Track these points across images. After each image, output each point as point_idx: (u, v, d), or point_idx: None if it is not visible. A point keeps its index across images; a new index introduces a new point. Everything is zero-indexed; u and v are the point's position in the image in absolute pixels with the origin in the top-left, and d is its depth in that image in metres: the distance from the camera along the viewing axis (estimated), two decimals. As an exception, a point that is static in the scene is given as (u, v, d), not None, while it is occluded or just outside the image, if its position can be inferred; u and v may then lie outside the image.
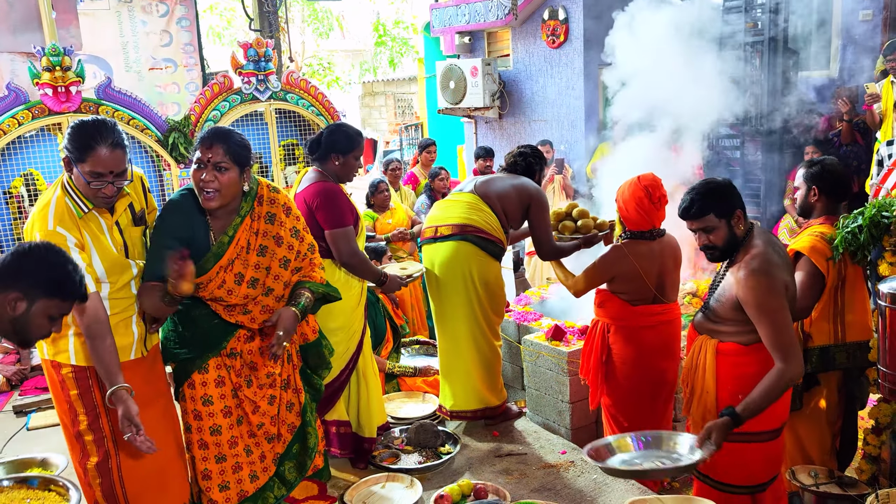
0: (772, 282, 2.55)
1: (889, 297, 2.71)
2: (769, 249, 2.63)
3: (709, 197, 2.64)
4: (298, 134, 6.41)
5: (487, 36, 9.39)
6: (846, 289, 3.15)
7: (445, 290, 3.63)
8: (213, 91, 5.86)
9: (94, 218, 2.55)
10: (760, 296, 2.55)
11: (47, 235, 2.41)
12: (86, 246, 2.50)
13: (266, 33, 7.15)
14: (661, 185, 3.38)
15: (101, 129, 2.45)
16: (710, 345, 2.73)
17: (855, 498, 2.97)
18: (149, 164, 5.88)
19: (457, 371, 3.68)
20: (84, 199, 2.51)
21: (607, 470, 2.54)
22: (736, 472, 2.74)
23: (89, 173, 2.43)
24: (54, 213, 2.47)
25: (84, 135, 2.43)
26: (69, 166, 2.49)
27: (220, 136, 2.58)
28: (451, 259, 3.59)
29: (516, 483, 3.16)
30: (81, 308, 2.42)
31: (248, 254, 2.69)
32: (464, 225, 3.58)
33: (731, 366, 2.70)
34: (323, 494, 2.97)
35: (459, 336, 3.65)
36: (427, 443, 3.47)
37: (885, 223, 3.00)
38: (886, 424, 3.15)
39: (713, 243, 2.68)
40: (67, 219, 2.48)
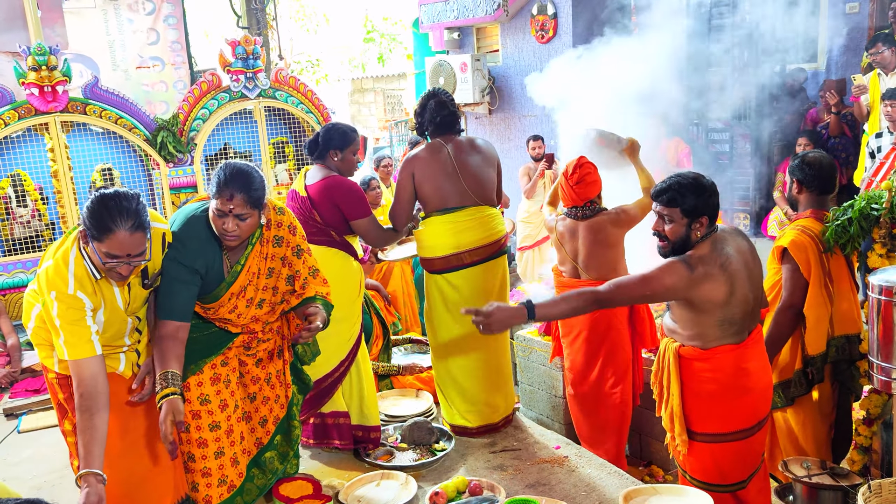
0: (675, 267, 2.55)
1: (880, 289, 2.72)
2: (711, 255, 2.58)
3: (684, 191, 2.60)
4: (288, 131, 6.38)
5: (476, 31, 9.37)
6: (834, 282, 3.17)
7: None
8: (202, 89, 5.83)
9: (108, 285, 2.51)
10: (661, 265, 2.59)
11: (66, 298, 2.38)
12: (98, 310, 2.48)
13: (254, 30, 7.11)
14: (581, 167, 3.68)
15: (123, 210, 2.34)
16: (672, 348, 2.75)
17: (847, 489, 2.99)
18: (137, 163, 5.85)
19: (493, 386, 3.67)
20: (97, 268, 2.46)
21: None
22: (708, 471, 2.76)
23: (105, 254, 2.36)
24: (74, 277, 2.41)
25: (105, 215, 2.33)
26: (86, 239, 2.40)
27: (241, 187, 2.54)
28: (499, 275, 3.64)
29: (511, 479, 3.16)
30: (79, 370, 2.38)
31: (257, 278, 2.76)
32: (497, 241, 3.60)
33: (694, 370, 2.71)
34: (318, 493, 2.97)
35: (498, 349, 3.69)
36: (421, 440, 3.46)
37: (875, 215, 3.02)
38: (877, 415, 3.18)
39: (666, 234, 2.66)
40: (87, 283, 2.44)
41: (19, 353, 4.72)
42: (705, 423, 2.69)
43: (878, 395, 3.16)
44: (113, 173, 5.73)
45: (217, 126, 5.92)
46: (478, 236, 3.51)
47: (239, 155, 6.05)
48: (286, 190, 6.17)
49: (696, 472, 2.77)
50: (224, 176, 2.56)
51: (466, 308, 2.63)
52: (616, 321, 3.74)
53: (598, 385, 3.76)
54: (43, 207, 5.54)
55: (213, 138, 5.99)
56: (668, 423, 2.80)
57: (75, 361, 2.40)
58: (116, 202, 2.34)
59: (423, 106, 3.59)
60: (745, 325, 2.66)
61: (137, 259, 2.40)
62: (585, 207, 3.71)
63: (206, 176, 5.93)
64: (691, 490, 2.67)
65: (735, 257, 2.61)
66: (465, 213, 3.52)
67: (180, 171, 5.77)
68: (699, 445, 2.72)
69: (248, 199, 2.55)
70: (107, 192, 2.39)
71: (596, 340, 3.73)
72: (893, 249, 3.06)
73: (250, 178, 2.58)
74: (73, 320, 2.40)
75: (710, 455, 2.71)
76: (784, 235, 3.19)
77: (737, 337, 2.64)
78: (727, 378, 2.63)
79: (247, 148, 6.18)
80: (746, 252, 2.69)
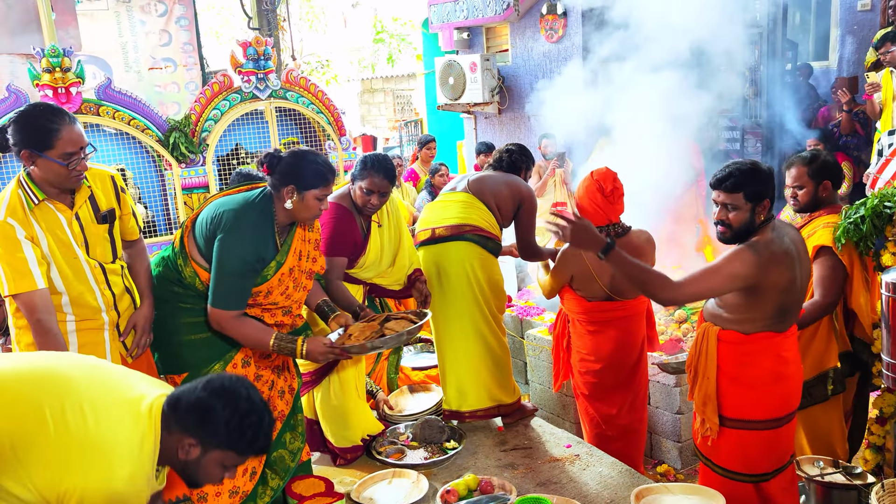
0: (752, 257, 2.55)
1: (891, 287, 2.71)
2: (776, 240, 2.60)
3: (748, 176, 2.61)
4: (299, 132, 6.41)
5: (486, 31, 9.38)
6: (871, 275, 3.17)
7: (450, 291, 3.61)
8: (214, 90, 5.86)
9: (50, 211, 2.50)
10: (724, 258, 2.58)
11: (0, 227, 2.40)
12: (36, 238, 2.46)
13: (265, 31, 7.14)
14: (614, 178, 3.48)
15: (52, 110, 2.44)
16: (713, 332, 2.74)
17: (860, 488, 2.98)
18: (150, 163, 5.89)
19: (466, 371, 3.65)
20: (37, 190, 2.46)
21: None
22: (734, 459, 2.75)
23: (62, 155, 2.40)
24: (7, 205, 2.44)
25: (40, 121, 2.40)
26: (30, 159, 2.42)
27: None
28: (453, 259, 3.59)
29: (522, 477, 3.17)
30: (27, 301, 2.41)
31: (299, 260, 2.83)
32: (461, 224, 3.58)
33: (732, 354, 2.71)
34: (330, 491, 2.97)
35: (468, 335, 3.63)
36: (432, 438, 3.47)
37: (888, 213, 3.01)
38: (891, 414, 3.17)
39: (730, 222, 2.66)
40: (19, 210, 2.45)
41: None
42: (738, 408, 2.68)
43: (891, 393, 3.15)
44: (126, 174, 5.77)
45: (229, 127, 5.95)
46: (450, 214, 3.62)
47: (250, 155, 6.08)
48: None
49: (721, 460, 2.75)
50: (320, 166, 2.73)
51: (554, 210, 2.72)
52: (643, 333, 3.67)
53: (629, 408, 3.63)
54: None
55: (224, 139, 6.03)
56: (700, 408, 2.78)
57: (19, 296, 2.42)
58: (44, 107, 2.45)
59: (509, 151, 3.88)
60: (793, 314, 2.69)
61: (88, 154, 2.47)
62: (616, 225, 3.50)
63: (218, 176, 5.96)
64: (704, 489, 2.67)
65: (793, 246, 2.64)
66: (453, 195, 3.70)
67: (192, 171, 5.81)
68: (729, 431, 2.71)
69: (335, 174, 2.82)
70: (29, 106, 2.48)
71: (629, 361, 3.59)
72: (907, 247, 3.05)
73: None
74: (7, 250, 2.40)
75: (739, 442, 2.71)
76: (818, 234, 3.16)
77: (781, 325, 2.66)
78: (766, 364, 2.64)
79: (258, 148, 6.20)
80: (800, 243, 2.72)
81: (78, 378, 1.89)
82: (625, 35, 6.19)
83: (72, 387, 1.85)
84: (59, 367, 1.92)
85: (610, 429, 3.62)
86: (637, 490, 2.64)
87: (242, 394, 1.93)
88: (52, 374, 1.88)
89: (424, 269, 3.64)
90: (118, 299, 2.67)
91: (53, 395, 1.82)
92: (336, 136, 6.33)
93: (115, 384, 1.94)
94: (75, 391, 1.84)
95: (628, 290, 3.48)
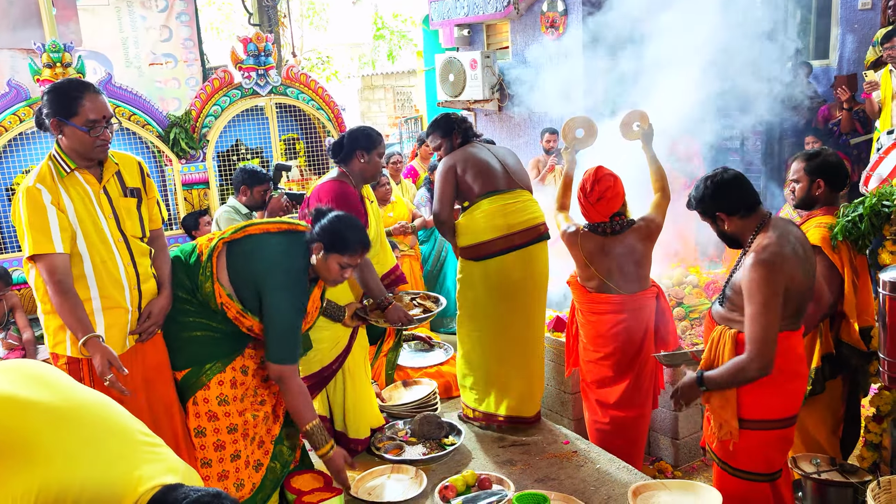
0: (771, 275, 2.54)
1: (889, 286, 2.72)
2: (783, 241, 2.60)
3: (712, 197, 2.68)
4: (299, 128, 6.42)
5: (486, 28, 9.38)
6: (859, 276, 3.17)
7: (540, 293, 3.67)
8: (214, 86, 5.86)
9: (79, 182, 2.62)
10: (756, 285, 2.55)
11: (27, 191, 2.52)
12: (62, 205, 2.57)
13: (265, 27, 7.14)
14: (600, 181, 3.46)
15: (78, 82, 2.60)
16: (730, 335, 2.72)
17: (856, 485, 2.99)
18: (150, 159, 5.90)
19: (529, 375, 3.67)
20: (67, 160, 2.60)
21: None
22: (756, 460, 2.75)
23: (85, 123, 2.53)
24: (37, 174, 2.58)
25: (66, 91, 2.56)
26: (58, 128, 2.57)
27: (366, 243, 2.90)
28: (544, 259, 3.67)
29: (520, 473, 3.18)
30: (48, 264, 2.50)
31: (314, 308, 2.99)
32: (538, 224, 3.64)
33: None
34: (329, 486, 2.98)
35: (540, 338, 3.72)
36: (431, 434, 3.49)
37: (886, 212, 3.01)
38: (887, 412, 3.18)
39: (725, 231, 2.74)
40: (48, 178, 2.58)
41: (34, 347, 4.79)
42: (759, 409, 2.67)
43: (888, 391, 3.16)
44: (126, 169, 5.77)
45: (229, 123, 5.96)
46: (525, 217, 3.55)
47: (250, 151, 6.08)
48: (297, 187, 6.20)
49: (740, 462, 2.74)
50: (354, 236, 2.79)
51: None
52: (648, 328, 3.64)
53: (622, 401, 3.63)
54: (57, 203, 5.60)
55: (224, 135, 6.03)
56: (717, 412, 2.75)
57: (40, 258, 2.51)
58: (69, 80, 2.60)
59: (451, 124, 3.73)
60: (803, 311, 2.71)
61: (111, 125, 2.60)
62: (613, 222, 3.52)
63: (218, 172, 5.97)
64: (700, 485, 2.68)
65: (798, 245, 2.65)
66: (513, 195, 3.58)
67: (192, 167, 5.82)
68: (748, 433, 2.70)
69: (366, 251, 2.87)
70: (57, 81, 2.65)
71: (629, 353, 3.60)
72: (905, 246, 3.06)
73: (366, 233, 2.96)
74: (32, 213, 2.51)
75: (759, 443, 2.71)
76: (809, 233, 3.15)
77: (796, 324, 2.68)
78: (784, 363, 2.63)
79: (258, 144, 6.22)
80: (804, 240, 2.73)
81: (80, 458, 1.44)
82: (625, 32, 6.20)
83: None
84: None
85: (611, 424, 3.60)
86: (634, 486, 2.65)
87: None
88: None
89: (507, 275, 3.58)
90: (142, 280, 2.73)
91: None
92: (336, 132, 6.33)
93: (117, 454, 1.51)
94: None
95: (626, 285, 3.50)
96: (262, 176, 4.50)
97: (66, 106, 2.54)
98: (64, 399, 1.51)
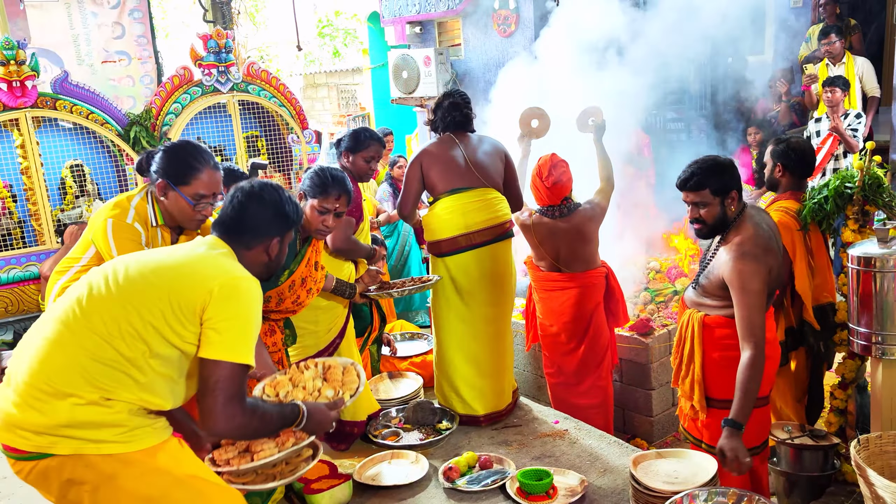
0: (757, 266, 2.65)
1: (858, 261, 2.94)
2: (759, 232, 2.72)
3: (709, 172, 2.73)
4: (259, 126, 6.38)
5: (438, 26, 9.46)
6: (814, 256, 3.39)
7: (503, 289, 3.69)
8: (174, 83, 5.78)
9: (157, 236, 2.63)
10: (745, 280, 2.65)
11: (124, 227, 2.52)
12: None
13: (220, 24, 7.05)
14: (556, 166, 3.76)
15: (202, 151, 2.57)
16: (697, 318, 2.87)
17: (827, 448, 3.22)
18: (108, 159, 5.78)
19: (500, 371, 3.72)
20: (159, 215, 2.60)
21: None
22: None
23: (194, 196, 2.53)
24: (135, 210, 2.56)
25: (187, 158, 2.53)
26: (164, 190, 2.54)
27: (344, 187, 2.89)
28: (507, 257, 3.72)
29: (517, 453, 3.29)
30: None
31: (314, 271, 3.00)
32: (503, 223, 3.67)
33: (717, 338, 2.84)
34: (335, 474, 3.04)
35: (505, 333, 3.75)
36: (425, 420, 3.57)
37: (849, 193, 3.25)
38: (852, 379, 3.42)
39: (703, 219, 2.78)
40: (141, 222, 2.58)
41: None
42: (727, 390, 2.76)
43: (852, 360, 3.41)
44: (84, 169, 5.64)
45: (190, 121, 5.88)
46: (485, 216, 3.58)
47: (212, 149, 6.02)
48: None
49: (714, 440, 2.84)
50: (329, 178, 2.84)
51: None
52: (598, 303, 3.91)
53: (581, 369, 3.92)
54: (12, 205, 5.43)
55: (186, 133, 5.95)
56: (687, 392, 2.93)
57: None
58: (195, 146, 2.58)
59: (439, 105, 3.74)
60: (772, 294, 2.84)
61: (216, 201, 2.59)
62: (562, 206, 3.82)
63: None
64: (694, 453, 2.83)
65: (771, 232, 2.78)
66: (474, 194, 3.59)
67: (154, 166, 5.72)
68: (718, 413, 2.82)
69: (349, 198, 2.92)
70: (181, 142, 2.63)
71: (581, 325, 3.88)
72: (865, 225, 3.30)
73: (346, 179, 2.92)
74: (131, 248, 2.49)
75: None
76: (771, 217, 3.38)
77: (766, 307, 2.77)
78: None
79: (220, 142, 6.15)
80: (774, 226, 2.87)
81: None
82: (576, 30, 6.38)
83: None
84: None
85: (572, 394, 3.91)
86: (633, 457, 2.79)
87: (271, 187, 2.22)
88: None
89: (464, 273, 3.62)
90: None
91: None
92: (299, 128, 6.32)
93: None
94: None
95: (574, 264, 3.82)
96: (239, 175, 4.47)
97: (181, 173, 2.52)
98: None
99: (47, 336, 1.91)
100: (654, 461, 2.78)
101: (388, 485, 3.06)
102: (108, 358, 1.87)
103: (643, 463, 2.77)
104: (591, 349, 3.90)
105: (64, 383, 1.84)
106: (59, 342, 1.89)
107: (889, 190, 3.24)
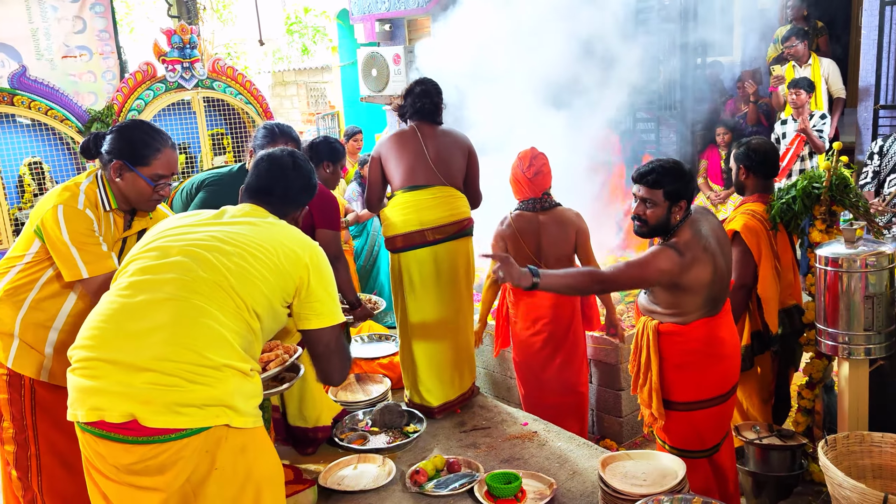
0: (673, 256, 2.66)
1: (826, 261, 2.95)
2: (695, 237, 2.71)
3: (668, 174, 2.72)
4: (225, 123, 6.26)
5: (408, 24, 9.39)
6: (780, 258, 3.39)
7: (458, 287, 3.65)
8: (136, 79, 5.64)
9: (110, 224, 2.51)
10: (650, 257, 2.70)
11: (76, 214, 2.40)
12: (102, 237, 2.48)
13: (185, 19, 6.91)
14: (537, 157, 3.77)
15: (157, 130, 2.49)
16: (651, 326, 2.86)
17: (794, 448, 3.23)
18: (68, 156, 5.62)
19: (458, 361, 3.70)
20: (112, 199, 2.48)
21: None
22: (688, 439, 2.91)
23: (153, 176, 2.44)
24: (85, 197, 2.44)
25: (143, 138, 2.45)
26: (118, 171, 2.43)
27: (290, 136, 3.05)
28: (464, 254, 3.66)
29: (485, 455, 3.25)
30: (94, 285, 2.39)
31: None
32: (460, 220, 3.61)
33: (674, 344, 2.83)
34: (300, 479, 2.96)
35: (461, 329, 3.72)
36: (393, 423, 3.50)
37: (816, 194, 3.26)
38: (819, 379, 3.44)
39: (647, 218, 2.77)
40: (93, 208, 2.46)
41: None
42: (685, 392, 2.82)
43: (819, 360, 3.42)
44: (43, 167, 5.48)
45: (154, 118, 5.74)
46: (441, 214, 3.54)
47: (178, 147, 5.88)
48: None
49: (676, 441, 2.90)
50: (276, 130, 2.99)
51: (483, 253, 2.82)
52: (577, 308, 3.87)
53: (558, 374, 3.87)
54: (-32, 203, 5.26)
55: (149, 130, 5.81)
56: (646, 401, 2.92)
57: (94, 277, 2.40)
58: (149, 125, 2.51)
59: (410, 90, 3.66)
60: (722, 298, 2.83)
61: (172, 181, 2.56)
62: (543, 199, 3.80)
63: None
64: (662, 455, 2.82)
65: (711, 237, 2.75)
66: (430, 192, 3.54)
67: (116, 164, 5.58)
68: (678, 415, 2.86)
69: (297, 145, 3.00)
70: (133, 121, 2.57)
71: (560, 331, 3.82)
72: (832, 225, 3.32)
73: (294, 131, 3.11)
74: (85, 236, 2.39)
75: (689, 422, 2.86)
76: (735, 219, 3.36)
77: (714, 310, 2.79)
78: (705, 348, 2.78)
79: (185, 140, 6.02)
80: (718, 229, 2.84)
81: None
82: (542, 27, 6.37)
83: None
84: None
85: (546, 395, 3.86)
86: (602, 458, 2.76)
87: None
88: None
89: (417, 270, 3.59)
90: None
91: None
92: (266, 127, 6.21)
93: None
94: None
95: (554, 263, 3.72)
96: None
97: (139, 153, 2.42)
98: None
99: (171, 315, 1.89)
100: (622, 462, 2.75)
101: (355, 489, 3.00)
102: (243, 329, 1.97)
103: (612, 464, 2.74)
104: (569, 357, 3.85)
105: (220, 355, 1.89)
106: (188, 319, 1.90)
107: (856, 190, 3.26)
